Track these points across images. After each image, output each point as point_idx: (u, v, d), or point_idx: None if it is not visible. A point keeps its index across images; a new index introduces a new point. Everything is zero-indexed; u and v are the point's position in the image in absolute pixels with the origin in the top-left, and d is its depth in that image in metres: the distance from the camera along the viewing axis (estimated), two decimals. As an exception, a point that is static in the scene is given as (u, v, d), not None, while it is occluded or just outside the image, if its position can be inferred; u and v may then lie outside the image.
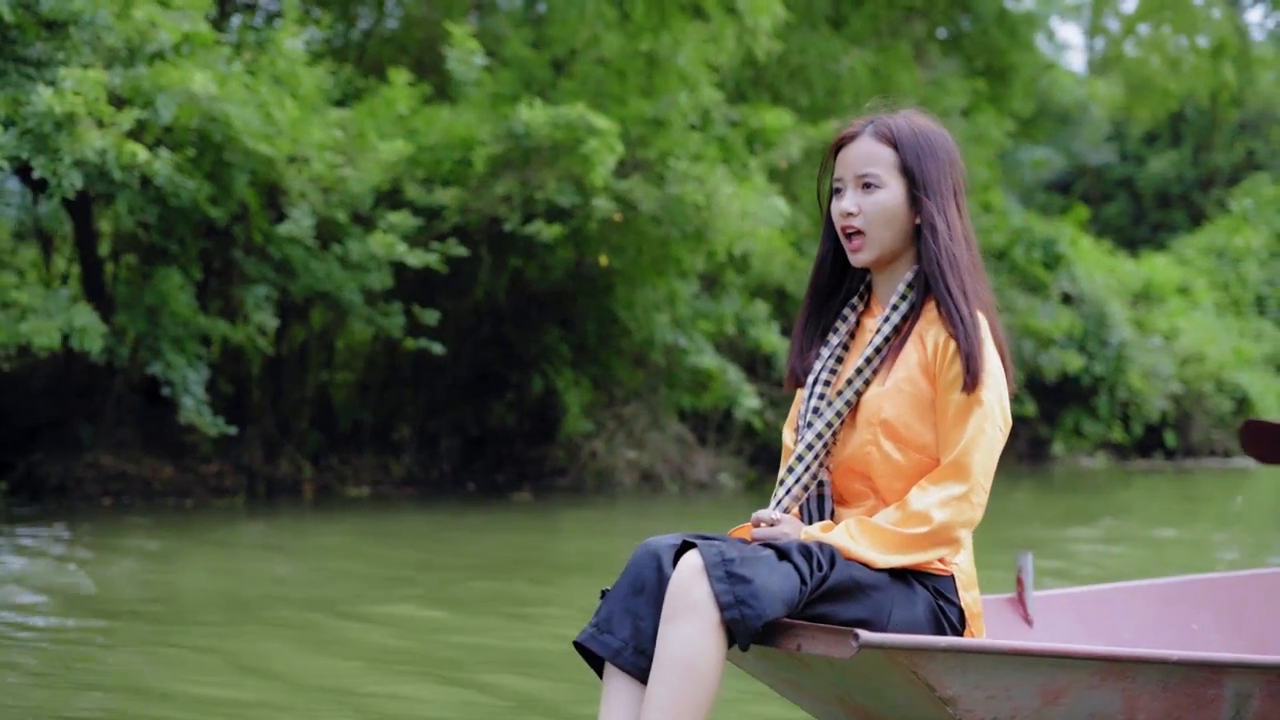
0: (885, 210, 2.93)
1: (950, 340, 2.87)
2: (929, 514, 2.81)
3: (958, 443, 2.84)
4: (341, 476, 12.52)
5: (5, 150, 8.27)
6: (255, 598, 6.47)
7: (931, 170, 2.94)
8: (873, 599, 2.80)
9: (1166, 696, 2.88)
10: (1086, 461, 19.52)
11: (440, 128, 11.16)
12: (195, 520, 9.94)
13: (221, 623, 5.77)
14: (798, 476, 2.95)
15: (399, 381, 12.96)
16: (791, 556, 2.74)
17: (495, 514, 10.83)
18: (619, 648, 2.73)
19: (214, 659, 4.94)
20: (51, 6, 8.88)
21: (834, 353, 3.03)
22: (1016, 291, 17.96)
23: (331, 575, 7.33)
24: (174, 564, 7.73)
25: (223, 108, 9.49)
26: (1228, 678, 2.92)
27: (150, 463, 11.77)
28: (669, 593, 2.69)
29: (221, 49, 10.03)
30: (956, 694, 2.72)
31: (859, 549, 2.81)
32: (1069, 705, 2.81)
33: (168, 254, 10.35)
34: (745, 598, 2.65)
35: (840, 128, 3.06)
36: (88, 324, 9.26)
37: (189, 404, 9.98)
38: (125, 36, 9.17)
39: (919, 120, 2.99)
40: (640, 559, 2.80)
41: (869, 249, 2.95)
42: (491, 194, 10.99)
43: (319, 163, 10.23)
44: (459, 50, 11.18)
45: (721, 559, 2.68)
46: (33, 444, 11.89)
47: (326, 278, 10.43)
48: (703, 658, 2.64)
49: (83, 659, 4.97)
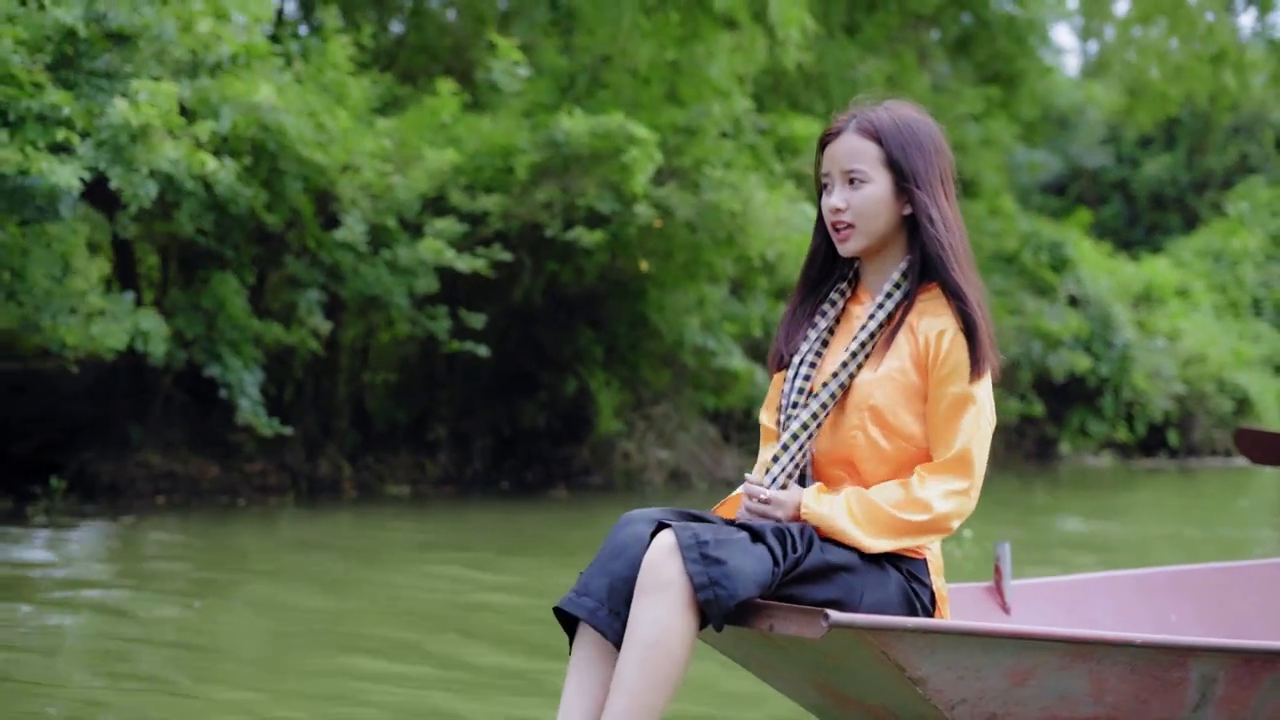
0: (873, 203, 2.97)
1: (943, 334, 2.91)
2: (931, 504, 2.86)
3: (956, 436, 2.88)
4: (379, 475, 12.83)
5: (84, 162, 8.55)
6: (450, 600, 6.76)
7: (918, 161, 2.98)
8: (845, 581, 2.84)
9: (1133, 679, 2.92)
10: (1092, 461, 19.91)
11: (481, 136, 11.47)
12: (272, 517, 10.25)
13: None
14: (791, 457, 2.98)
15: (434, 383, 13.27)
16: (766, 539, 2.78)
17: (552, 509, 11.19)
18: (594, 607, 2.76)
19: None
20: (120, 21, 9.18)
21: (820, 337, 3.07)
22: (1026, 294, 18.35)
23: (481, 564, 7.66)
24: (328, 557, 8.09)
25: (277, 118, 9.80)
26: (1193, 660, 2.96)
27: (197, 462, 12.06)
28: (641, 570, 2.74)
29: (275, 60, 10.33)
30: (926, 674, 2.75)
31: (853, 529, 2.85)
32: (1037, 686, 2.85)
33: (223, 259, 10.64)
34: (719, 579, 2.68)
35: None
36: (152, 328, 9.56)
37: (245, 405, 10.28)
38: (190, 49, 9.46)
39: (902, 111, 3.02)
40: (620, 529, 2.85)
41: (857, 239, 2.99)
42: (533, 200, 11.31)
43: (369, 171, 10.54)
44: (503, 61, 11.49)
45: (696, 540, 2.72)
46: (76, 444, 12.17)
47: (376, 282, 10.74)
48: (672, 635, 2.67)
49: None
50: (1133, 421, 20.21)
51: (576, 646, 2.79)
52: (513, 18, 14.80)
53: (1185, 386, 20.61)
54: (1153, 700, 2.96)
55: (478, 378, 13.15)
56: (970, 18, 18.75)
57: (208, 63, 9.68)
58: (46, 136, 8.57)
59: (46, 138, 8.56)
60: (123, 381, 12.20)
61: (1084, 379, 18.94)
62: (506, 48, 11.57)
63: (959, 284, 2.94)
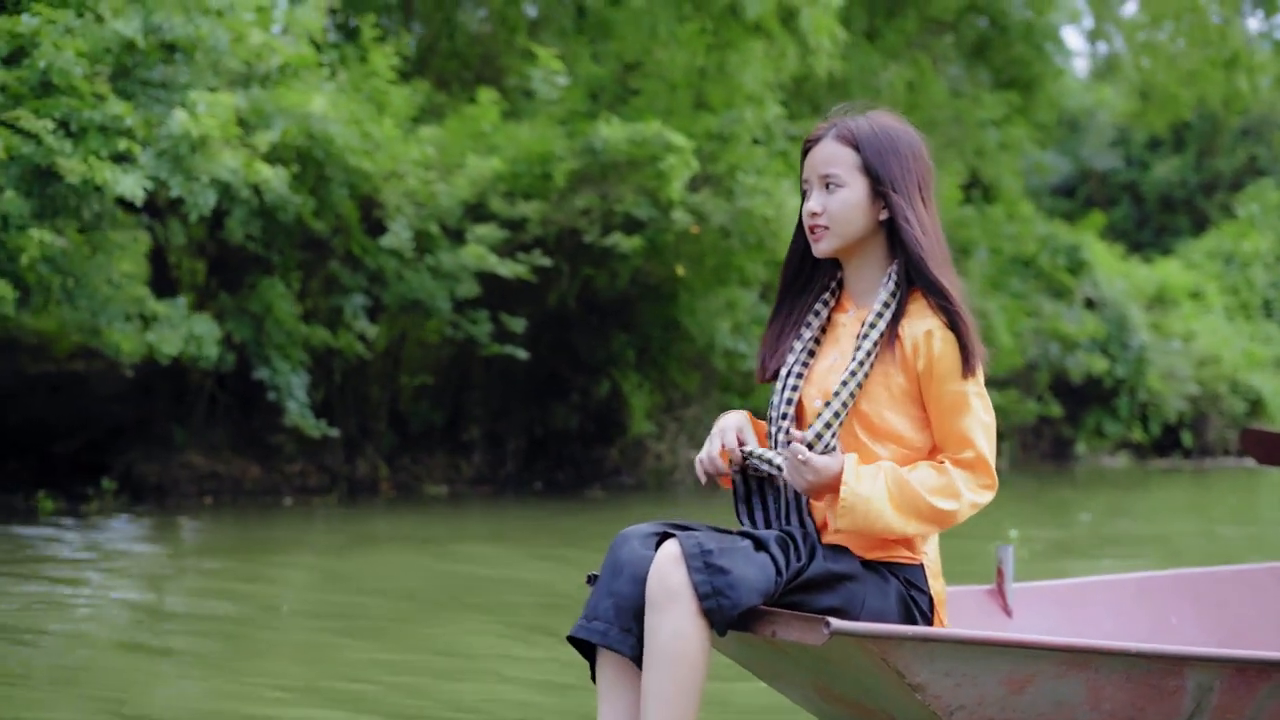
0: (847, 207, 2.99)
1: (930, 335, 2.93)
2: (961, 493, 2.90)
3: (967, 434, 2.92)
4: (416, 476, 13.06)
5: (146, 171, 8.78)
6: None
7: (894, 166, 3.00)
8: (847, 589, 2.90)
9: (1130, 687, 2.95)
10: (1108, 461, 20.14)
11: (518, 144, 11.70)
12: (332, 515, 10.48)
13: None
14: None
15: (467, 385, 13.50)
16: (769, 548, 2.84)
17: (595, 509, 11.41)
18: (604, 629, 2.82)
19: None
20: (175, 33, 9.41)
21: (806, 347, 3.09)
22: (1043, 297, 18.58)
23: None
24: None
25: (325, 127, 10.02)
26: (1189, 669, 2.98)
27: (239, 463, 12.29)
28: (649, 581, 2.79)
29: (322, 70, 10.56)
30: (925, 681, 2.80)
31: (890, 514, 2.87)
32: (1034, 694, 2.89)
33: (269, 265, 10.87)
34: (723, 588, 2.74)
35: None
36: (205, 332, 9.79)
37: (293, 408, 10.51)
38: (244, 60, 9.68)
39: (883, 120, 3.05)
40: (617, 547, 2.90)
41: (829, 240, 3.02)
42: (571, 207, 11.54)
43: (413, 178, 10.76)
44: (542, 69, 11.72)
45: (700, 549, 2.77)
46: (119, 445, 12.39)
47: (420, 287, 10.97)
48: (690, 643, 2.74)
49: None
50: (1147, 422, 20.45)
51: (600, 670, 2.87)
52: (541, 25, 15.03)
53: (1199, 387, 20.85)
54: (1149, 708, 2.98)
55: (511, 380, 13.38)
56: (988, 23, 18.98)
57: (258, 73, 9.90)
58: (109, 146, 8.79)
59: (109, 147, 8.79)
60: (162, 383, 12.42)
61: (1100, 380, 19.18)
62: (546, 56, 11.79)
63: (940, 282, 2.96)
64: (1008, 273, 17.99)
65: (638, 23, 12.81)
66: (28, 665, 4.90)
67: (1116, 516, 11.68)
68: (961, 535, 9.83)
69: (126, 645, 5.37)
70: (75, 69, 8.86)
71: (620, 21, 13.30)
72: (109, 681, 4.65)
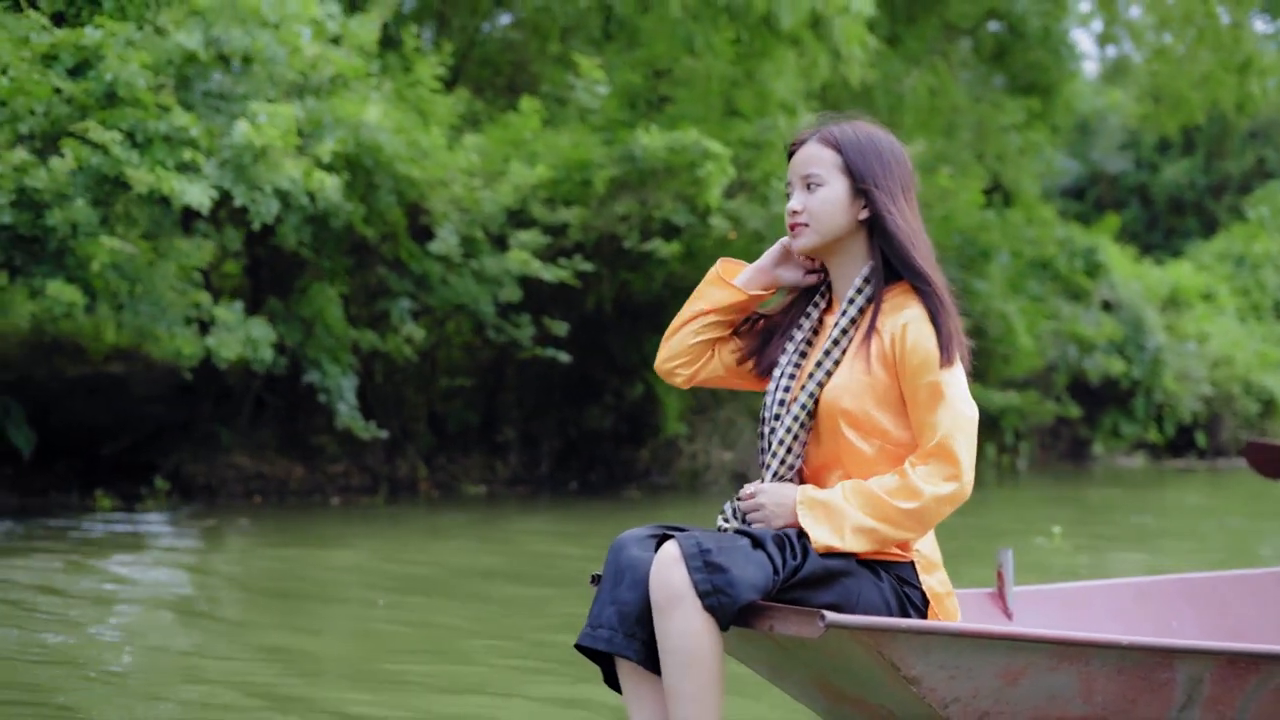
0: (827, 205, 3.05)
1: (906, 328, 2.98)
2: (921, 490, 2.91)
3: (936, 426, 2.94)
4: (454, 476, 13.32)
5: (210, 180, 9.04)
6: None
7: (875, 167, 3.05)
8: (843, 585, 2.94)
9: (1121, 680, 2.99)
10: (1124, 461, 20.41)
11: (558, 151, 11.96)
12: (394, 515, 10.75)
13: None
14: (774, 472, 3.08)
15: (503, 387, 13.76)
16: (766, 546, 2.89)
17: (637, 508, 11.68)
18: (609, 636, 2.89)
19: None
20: (232, 45, 9.67)
21: (798, 348, 3.15)
22: (1061, 299, 18.84)
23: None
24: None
25: (374, 135, 10.28)
26: (1179, 662, 3.02)
27: (283, 463, 12.56)
28: (652, 583, 2.85)
29: (370, 80, 10.82)
30: (920, 673, 2.84)
31: (851, 510, 2.93)
32: (1028, 686, 2.92)
33: (319, 270, 11.13)
34: (722, 586, 2.80)
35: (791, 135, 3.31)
36: (260, 336, 10.04)
37: (343, 410, 10.77)
38: (300, 71, 9.94)
39: (865, 126, 3.12)
40: (616, 553, 2.96)
41: (808, 236, 3.08)
42: (611, 213, 11.80)
43: (459, 185, 11.03)
44: (585, 79, 11.98)
45: (699, 549, 2.83)
46: (163, 446, 12.64)
47: (464, 291, 11.23)
48: (702, 641, 2.81)
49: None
50: (1162, 423, 20.72)
51: (621, 677, 2.95)
52: (571, 32, 15.29)
53: (1213, 389, 21.12)
54: (1140, 700, 3.03)
55: (546, 382, 13.64)
56: (1005, 29, 19.23)
57: (312, 84, 10.16)
58: (174, 156, 9.06)
59: (174, 157, 9.05)
60: (202, 385, 12.68)
61: (1117, 382, 19.45)
62: (588, 66, 12.05)
63: (924, 269, 3.03)
64: (1026, 275, 18.24)
65: (673, 32, 13.07)
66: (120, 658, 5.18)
67: (1164, 515, 11.94)
68: (1004, 532, 10.13)
69: (242, 622, 5.64)
70: (139, 81, 9.13)
71: (652, 30, 13.56)
72: (238, 670, 4.91)
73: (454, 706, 4.40)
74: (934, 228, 16.04)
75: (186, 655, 5.21)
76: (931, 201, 16.01)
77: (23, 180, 8.70)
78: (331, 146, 9.66)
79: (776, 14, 12.15)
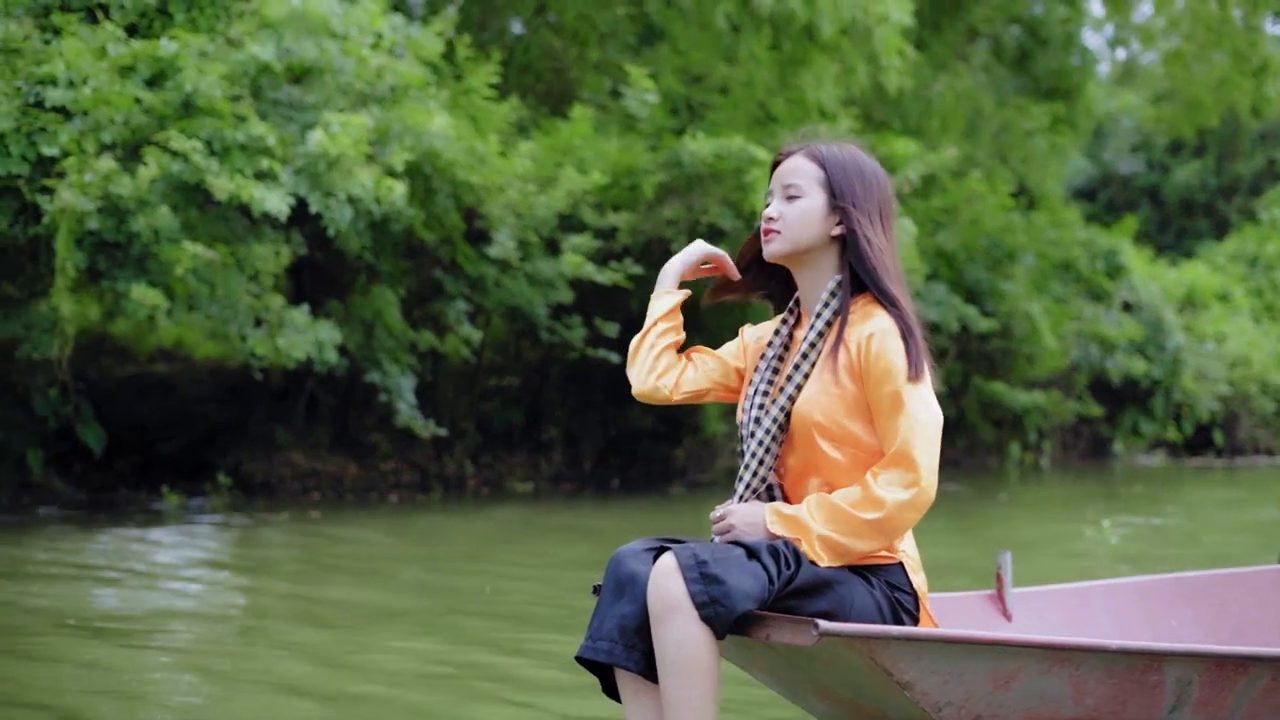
0: (802, 214, 3.13)
1: (871, 338, 3.05)
2: (882, 499, 2.97)
3: (897, 433, 3.00)
4: (500, 474, 13.66)
5: (287, 188, 9.37)
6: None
7: (855, 185, 3.14)
8: (836, 593, 3.00)
9: (1111, 682, 3.03)
10: (1144, 459, 20.76)
11: (606, 157, 12.29)
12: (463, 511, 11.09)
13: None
14: (748, 484, 3.17)
15: (546, 386, 14.10)
16: (761, 556, 2.94)
17: (682, 503, 12.01)
18: (609, 648, 2.96)
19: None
20: (300, 58, 10.00)
21: (770, 363, 3.23)
22: (1084, 301, 19.18)
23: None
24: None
25: (436, 143, 10.61)
26: (1167, 665, 3.07)
27: (336, 461, 12.89)
28: (650, 594, 2.92)
29: (429, 89, 11.14)
30: (913, 679, 2.89)
31: (817, 525, 3.01)
32: (1020, 690, 2.97)
33: (378, 273, 11.46)
34: (719, 597, 2.85)
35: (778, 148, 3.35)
36: (326, 338, 10.37)
37: (404, 409, 11.10)
38: (367, 81, 10.28)
39: (851, 149, 3.21)
40: (615, 567, 3.02)
41: (780, 243, 3.15)
42: (659, 217, 12.14)
43: (514, 190, 11.37)
44: (635, 88, 12.32)
45: (696, 560, 2.89)
46: (218, 444, 12.97)
47: (518, 293, 11.57)
48: (698, 650, 2.87)
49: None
50: (1180, 422, 21.07)
51: (620, 687, 3.02)
52: (608, 39, 15.62)
53: (1230, 388, 21.47)
54: (1130, 702, 3.07)
55: (589, 382, 13.98)
56: (1025, 34, 19.57)
57: (376, 94, 10.48)
58: (251, 164, 9.39)
59: (252, 166, 9.38)
60: (251, 385, 13.00)
61: (1136, 381, 19.79)
62: (638, 75, 12.38)
63: (891, 291, 3.11)
64: (1049, 277, 18.57)
65: (714, 41, 13.40)
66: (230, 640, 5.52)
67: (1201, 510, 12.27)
68: (1055, 520, 10.44)
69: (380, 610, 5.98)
70: (216, 91, 9.46)
71: (692, 38, 13.90)
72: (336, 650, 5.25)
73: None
74: (962, 230, 16.38)
75: (370, 639, 5.54)
76: (960, 205, 16.37)
77: (108, 188, 9.02)
78: (404, 155, 9.97)
79: (817, 24, 12.48)
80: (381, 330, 11.19)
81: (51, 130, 9.19)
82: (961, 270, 16.53)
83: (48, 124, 9.22)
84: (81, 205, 8.89)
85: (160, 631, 5.65)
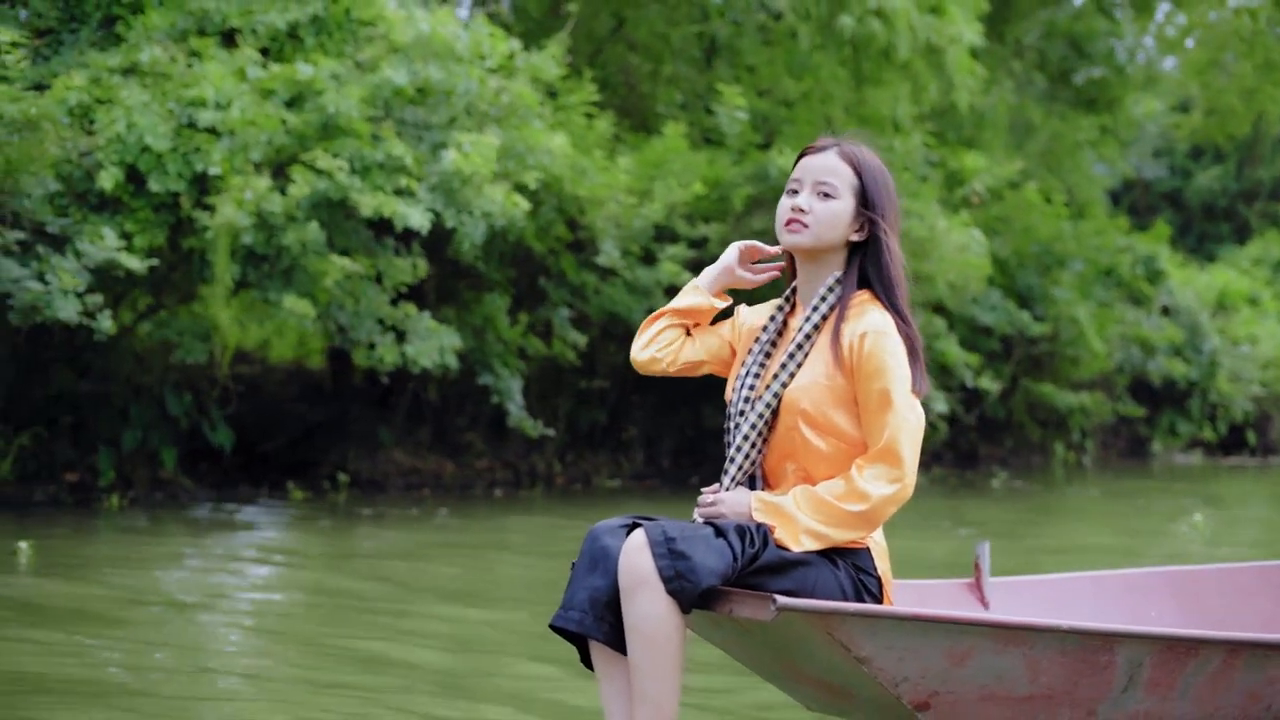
0: (835, 216, 3.24)
1: (864, 337, 3.17)
2: (868, 493, 3.10)
3: (885, 429, 3.13)
4: (585, 471, 14.32)
5: (424, 204, 10.02)
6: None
7: (882, 197, 3.27)
8: (800, 573, 3.13)
9: (1064, 662, 3.13)
10: (1181, 458, 21.44)
11: (695, 170, 12.94)
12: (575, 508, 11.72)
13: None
14: (739, 466, 3.29)
15: (630, 388, 14.76)
16: (727, 535, 3.09)
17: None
18: (580, 618, 3.10)
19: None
20: (432, 79, 10.64)
21: (762, 349, 3.35)
22: (1124, 304, 19.86)
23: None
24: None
25: (549, 160, 11.25)
26: (1119, 646, 3.16)
27: (434, 459, 13.54)
28: (620, 569, 3.06)
29: (537, 108, 11.79)
30: (869, 654, 2.99)
31: (801, 516, 3.14)
32: (975, 667, 3.06)
33: (488, 281, 12.11)
34: (684, 572, 3.00)
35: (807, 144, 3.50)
36: (449, 344, 11.00)
37: (514, 410, 11.74)
38: (488, 102, 10.92)
39: (875, 155, 3.33)
40: (590, 541, 3.18)
41: (805, 236, 3.25)
42: (747, 228, 12.79)
43: (616, 203, 12.02)
44: (727, 106, 12.96)
45: (664, 537, 3.03)
46: (318, 443, 13.58)
47: (618, 301, 12.22)
48: (665, 623, 3.01)
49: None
50: (1215, 422, 21.76)
51: (593, 655, 3.17)
52: (677, 54, 16.24)
53: (1264, 389, 22.16)
54: (1083, 681, 3.16)
55: (667, 384, 14.62)
56: (1067, 46, 20.21)
57: (494, 114, 11.12)
58: (391, 182, 10.03)
59: (391, 183, 10.03)
60: (345, 384, 13.64)
61: (1174, 382, 20.48)
62: (730, 93, 13.02)
63: (901, 309, 3.24)
64: (1093, 282, 19.22)
65: (787, 58, 14.04)
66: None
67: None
68: (1150, 513, 11.10)
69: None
70: (354, 112, 10.10)
71: (756, 54, 14.53)
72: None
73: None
74: (1015, 238, 17.03)
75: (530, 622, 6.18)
76: (1013, 214, 17.01)
77: (261, 204, 9.66)
78: (535, 174, 10.60)
79: (895, 44, 13.12)
80: (491, 335, 11.83)
81: (205, 150, 9.82)
82: (1014, 276, 17.19)
83: (201, 144, 9.85)
84: (240, 220, 9.53)
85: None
